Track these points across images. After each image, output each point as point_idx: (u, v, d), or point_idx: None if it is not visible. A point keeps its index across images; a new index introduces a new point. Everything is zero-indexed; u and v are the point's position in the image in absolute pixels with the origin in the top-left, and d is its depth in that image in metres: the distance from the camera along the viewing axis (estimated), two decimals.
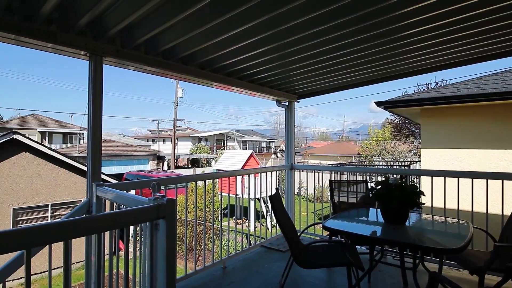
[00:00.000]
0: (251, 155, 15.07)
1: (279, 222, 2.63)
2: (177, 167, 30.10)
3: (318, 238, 4.46)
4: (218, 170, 15.39)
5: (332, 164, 15.68)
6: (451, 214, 3.12)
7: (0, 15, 1.93)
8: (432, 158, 5.88)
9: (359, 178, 4.45)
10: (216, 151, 38.79)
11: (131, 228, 2.08)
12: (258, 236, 3.99)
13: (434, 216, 3.00)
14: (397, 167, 14.52)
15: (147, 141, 43.00)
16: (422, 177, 5.29)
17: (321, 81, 3.98)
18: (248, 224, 4.54)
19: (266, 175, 4.16)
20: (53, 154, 10.09)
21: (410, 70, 3.64)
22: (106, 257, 2.13)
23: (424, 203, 2.61)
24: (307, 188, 4.60)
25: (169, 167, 29.43)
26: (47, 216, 9.96)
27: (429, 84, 17.87)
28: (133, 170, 20.79)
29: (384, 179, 2.70)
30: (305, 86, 4.26)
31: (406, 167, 13.11)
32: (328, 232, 3.15)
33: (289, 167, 4.62)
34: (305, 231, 3.36)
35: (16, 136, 9.26)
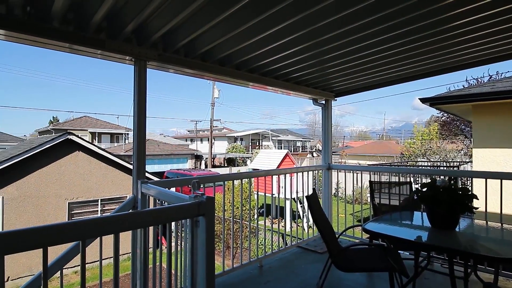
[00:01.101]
0: (286, 155, 14.99)
1: (316, 223, 2.58)
2: (214, 166, 30.91)
3: (357, 241, 4.30)
4: (254, 169, 15.52)
5: (372, 165, 15.03)
6: (509, 220, 2.82)
7: (57, 26, 2.12)
8: (485, 158, 5.38)
9: (402, 179, 4.22)
10: (251, 151, 39.16)
11: (173, 223, 2.17)
12: (294, 236, 3.95)
13: (488, 222, 2.74)
14: (445, 168, 13.51)
15: (186, 141, 44.69)
16: (474, 179, 4.86)
17: (360, 78, 3.83)
18: (284, 224, 4.50)
19: (302, 175, 4.11)
20: (102, 153, 10.90)
21: (458, 64, 3.36)
22: (150, 250, 2.26)
23: (478, 208, 2.38)
24: (345, 189, 4.45)
25: (206, 166, 30.33)
26: (97, 210, 10.78)
27: (481, 78, 16.39)
28: (173, 169, 21.74)
29: (430, 180, 2.52)
30: (342, 83, 4.13)
31: (455, 168, 12.15)
32: (368, 235, 3.02)
33: (327, 167, 4.51)
34: (344, 233, 3.26)
35: (70, 137, 10.17)
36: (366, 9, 2.07)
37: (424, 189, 2.50)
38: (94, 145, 11.17)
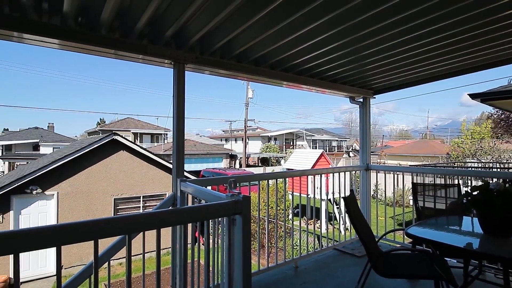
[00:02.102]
0: (321, 155, 14.70)
1: (354, 225, 2.49)
2: (248, 166, 31.24)
3: (398, 245, 4.08)
4: (288, 169, 15.42)
5: (415, 165, 14.19)
6: None
7: (104, 34, 2.28)
8: None
9: (449, 181, 3.92)
10: (285, 150, 38.96)
11: (210, 221, 2.22)
12: (330, 238, 3.85)
13: None
14: (499, 169, 12.33)
15: (221, 141, 45.69)
16: None
17: (401, 74, 3.63)
18: (320, 226, 4.41)
19: (339, 176, 4.00)
20: (144, 152, 11.52)
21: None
22: (188, 245, 2.34)
23: None
24: (385, 190, 4.26)
25: (240, 165, 30.75)
26: (140, 206, 11.42)
27: None
28: (209, 168, 22.34)
29: (482, 183, 2.32)
30: (382, 80, 3.95)
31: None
32: (411, 240, 2.85)
33: (365, 168, 4.34)
34: (384, 237, 3.11)
35: (115, 137, 10.88)
36: (406, 2, 1.95)
37: (476, 193, 2.30)
38: (136, 144, 11.84)
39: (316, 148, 42.56)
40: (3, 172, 20.10)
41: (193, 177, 2.89)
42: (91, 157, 10.46)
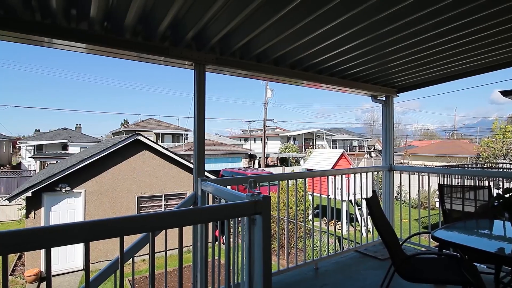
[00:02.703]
0: (342, 155, 14.43)
1: (377, 228, 2.43)
2: (267, 166, 31.22)
3: (424, 249, 3.93)
4: (308, 169, 15.26)
5: (441, 166, 13.63)
6: None
7: (128, 37, 2.35)
8: None
9: (478, 183, 3.73)
10: (305, 150, 38.60)
11: (230, 220, 2.24)
12: (351, 240, 3.77)
13: None
14: None
15: (240, 141, 45.94)
16: None
17: (426, 71, 3.50)
18: (341, 227, 4.33)
19: (360, 176, 3.90)
20: (166, 152, 11.79)
21: None
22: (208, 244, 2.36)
23: None
24: (409, 192, 4.10)
25: (259, 165, 30.79)
26: (161, 205, 11.70)
27: None
28: (228, 167, 22.53)
29: None
30: (406, 78, 3.82)
31: None
32: (437, 244, 2.74)
33: (388, 168, 4.22)
34: (408, 240, 3.01)
35: (138, 137, 11.21)
36: None
37: (508, 195, 2.17)
38: (158, 144, 12.14)
39: (336, 148, 41.87)
40: (35, 170, 21.24)
41: (213, 177, 2.93)
42: (116, 156, 10.84)
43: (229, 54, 2.76)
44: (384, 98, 4.31)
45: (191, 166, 12.16)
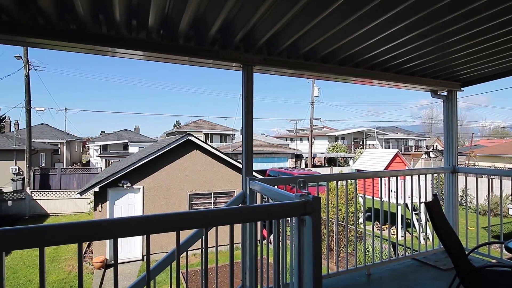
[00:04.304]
0: (396, 155, 13.52)
1: (439, 235, 2.22)
2: (314, 166, 30.62)
3: (495, 261, 3.50)
4: (358, 170, 14.61)
5: None
6: None
7: (181, 43, 2.48)
8: None
9: None
10: (354, 150, 37.01)
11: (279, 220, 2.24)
12: (408, 247, 3.51)
13: None
14: None
15: (286, 140, 45.76)
16: None
17: (495, 62, 3.10)
18: (396, 232, 4.04)
19: (418, 178, 3.61)
20: (215, 152, 12.25)
21: None
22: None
23: None
24: (476, 197, 3.67)
25: (306, 165, 30.32)
26: (211, 202, 12.18)
27: None
28: (275, 167, 22.58)
29: None
30: (472, 70, 3.44)
31: None
32: (510, 256, 2.42)
33: (451, 170, 3.84)
34: (476, 250, 2.70)
35: (190, 138, 11.81)
36: None
37: None
38: (208, 144, 12.66)
39: (389, 148, 39.43)
40: (101, 168, 23.63)
41: (260, 176, 2.96)
42: (170, 156, 11.56)
43: (276, 54, 2.76)
44: (445, 93, 3.93)
45: (238, 165, 12.49)
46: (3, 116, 36.25)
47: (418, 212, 9.44)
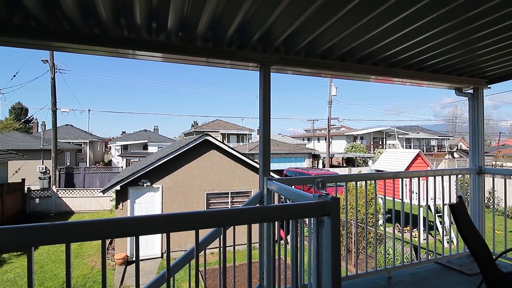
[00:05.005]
0: (418, 155, 13.10)
1: (464, 238, 2.13)
2: (331, 166, 30.20)
3: None
4: (377, 170, 14.28)
5: None
6: None
7: (199, 45, 2.51)
8: None
9: None
10: (373, 150, 36.20)
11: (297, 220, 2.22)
12: (431, 250, 3.40)
13: None
14: None
15: (303, 140, 45.36)
16: None
17: None
18: (418, 235, 3.91)
19: (442, 179, 3.48)
20: (231, 152, 12.33)
21: None
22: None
23: None
24: (505, 199, 3.50)
25: (323, 166, 29.94)
26: (228, 201, 12.27)
27: None
28: (292, 167, 22.44)
29: None
30: (499, 67, 3.28)
31: None
32: None
33: (476, 171, 3.68)
34: (504, 255, 2.57)
35: (207, 138, 11.95)
36: None
37: None
38: (225, 144, 12.76)
39: (410, 148, 38.29)
40: (122, 167, 24.34)
41: (277, 176, 2.95)
42: (188, 155, 11.74)
43: (294, 53, 2.74)
44: (471, 91, 3.77)
45: (255, 165, 12.51)
46: (31, 118, 38.11)
47: (441, 214, 9.10)
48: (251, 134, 36.34)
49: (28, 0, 1.79)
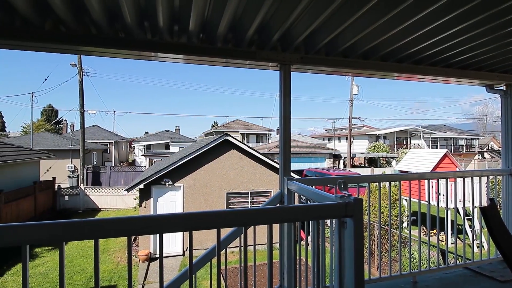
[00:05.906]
0: (445, 155, 12.57)
1: (496, 243, 2.02)
2: (353, 166, 29.57)
3: None
4: (401, 171, 13.83)
5: None
6: None
7: (220, 45, 2.54)
8: None
9: None
10: (397, 150, 35.09)
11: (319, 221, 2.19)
12: (460, 255, 3.25)
13: None
14: None
15: (323, 140, 44.73)
16: None
17: None
18: (446, 239, 3.75)
19: (472, 181, 3.32)
20: (251, 151, 12.38)
21: None
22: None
23: None
24: None
25: (345, 166, 29.38)
26: (248, 201, 12.33)
27: None
28: (312, 167, 22.20)
29: None
30: None
31: None
32: None
33: (509, 172, 3.47)
34: None
35: (227, 138, 12.07)
36: None
37: None
38: (244, 144, 12.83)
39: (437, 148, 36.79)
40: (145, 166, 25.08)
41: (297, 176, 2.92)
42: (208, 155, 11.91)
43: (314, 52, 2.70)
44: (503, 88, 3.57)
45: (275, 165, 12.49)
46: (60, 119, 40.11)
47: (471, 217, 8.65)
48: (270, 134, 36.31)
49: (59, 7, 1.89)
